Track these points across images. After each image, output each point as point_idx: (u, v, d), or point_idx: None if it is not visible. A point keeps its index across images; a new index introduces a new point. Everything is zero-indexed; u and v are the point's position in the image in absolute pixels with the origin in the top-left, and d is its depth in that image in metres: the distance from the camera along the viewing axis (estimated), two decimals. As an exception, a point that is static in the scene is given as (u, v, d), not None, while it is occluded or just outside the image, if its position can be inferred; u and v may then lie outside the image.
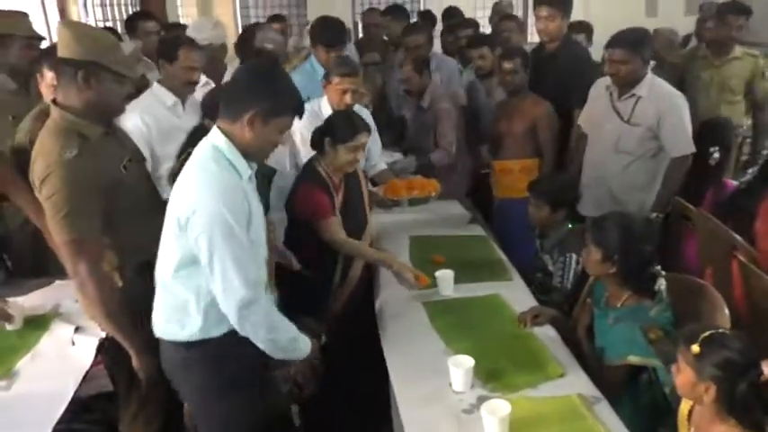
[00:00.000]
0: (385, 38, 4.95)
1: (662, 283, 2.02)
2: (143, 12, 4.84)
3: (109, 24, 5.72)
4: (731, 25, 3.73)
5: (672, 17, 7.67)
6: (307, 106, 2.94)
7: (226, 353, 1.74)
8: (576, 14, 3.83)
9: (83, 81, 1.88)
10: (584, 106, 3.21)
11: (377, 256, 2.52)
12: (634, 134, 2.92)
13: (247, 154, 1.70)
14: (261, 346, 1.71)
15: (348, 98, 2.89)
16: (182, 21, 7.54)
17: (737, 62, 3.82)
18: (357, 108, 2.92)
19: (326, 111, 2.91)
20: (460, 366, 1.85)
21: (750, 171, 3.15)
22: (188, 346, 1.74)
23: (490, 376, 1.90)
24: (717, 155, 2.96)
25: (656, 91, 2.91)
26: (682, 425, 1.70)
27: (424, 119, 3.56)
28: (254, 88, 1.67)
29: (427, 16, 5.57)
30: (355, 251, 2.54)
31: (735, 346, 1.51)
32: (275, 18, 5.78)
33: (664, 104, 2.87)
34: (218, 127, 1.70)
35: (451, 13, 5.41)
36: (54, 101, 1.96)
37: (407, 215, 3.16)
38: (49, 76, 2.52)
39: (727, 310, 2.11)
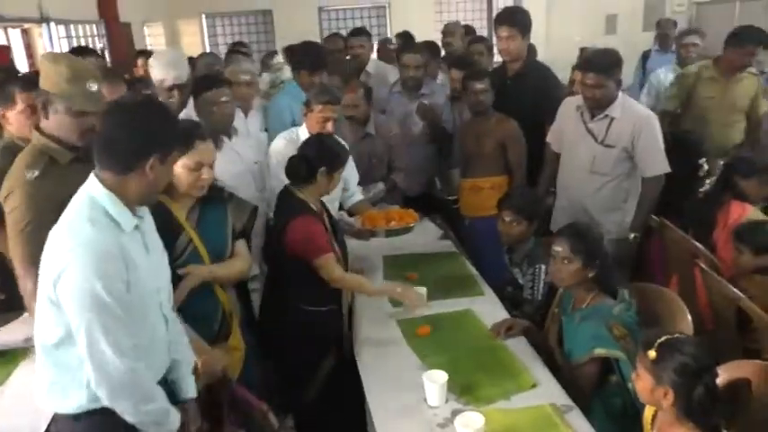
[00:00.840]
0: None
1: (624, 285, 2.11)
2: (81, 47, 4.70)
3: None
4: (750, 52, 3.66)
5: (630, 34, 7.96)
6: (285, 134, 3.02)
7: (117, 423, 1.56)
8: (537, 33, 3.92)
9: (42, 110, 2.00)
10: (551, 122, 3.24)
11: (378, 289, 2.49)
12: (609, 155, 2.91)
13: (142, 200, 1.59)
14: (132, 419, 1.54)
15: (329, 126, 2.89)
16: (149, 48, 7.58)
17: (744, 81, 3.81)
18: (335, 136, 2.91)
19: (305, 137, 2.88)
20: (435, 381, 1.88)
21: (708, 181, 3.22)
22: (76, 418, 1.57)
23: (464, 390, 1.93)
24: (706, 166, 3.05)
25: (629, 111, 2.90)
26: (646, 429, 1.75)
27: (372, 146, 3.54)
28: (147, 135, 1.51)
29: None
30: (355, 286, 2.49)
31: (690, 350, 1.55)
32: (239, 44, 5.84)
33: (638, 125, 2.86)
34: (100, 179, 1.52)
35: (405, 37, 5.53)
36: (36, 127, 2.07)
37: (379, 237, 3.20)
38: (19, 102, 2.50)
39: (689, 316, 2.18)
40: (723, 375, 1.73)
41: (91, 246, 1.45)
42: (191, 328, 1.92)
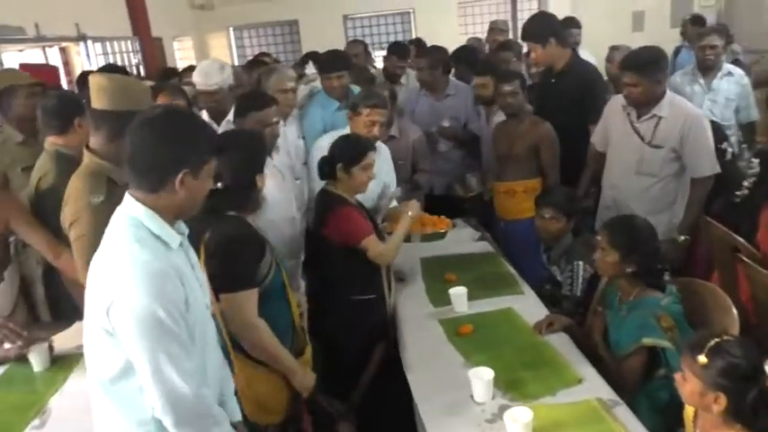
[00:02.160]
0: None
1: (667, 277, 2.10)
2: (112, 66, 4.70)
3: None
4: None
5: (658, 31, 7.88)
6: (326, 139, 3.06)
7: None
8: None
9: (117, 130, 1.91)
10: (596, 122, 3.20)
11: (402, 228, 2.63)
12: (657, 156, 2.85)
13: (180, 215, 1.49)
14: None
15: (376, 130, 2.91)
16: (179, 63, 7.77)
17: None
18: (379, 146, 2.96)
19: None
20: (481, 377, 1.90)
21: (746, 183, 3.09)
22: None
23: (510, 386, 1.96)
24: (729, 149, 2.99)
25: (678, 110, 2.84)
26: (687, 428, 1.74)
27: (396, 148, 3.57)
28: (175, 149, 1.42)
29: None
30: (396, 243, 2.60)
31: (741, 353, 1.52)
32: (263, 55, 5.95)
33: (687, 124, 2.79)
34: (135, 198, 1.44)
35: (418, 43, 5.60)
36: (87, 146, 2.06)
37: (416, 238, 3.24)
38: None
39: (735, 311, 2.16)
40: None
41: (144, 267, 1.35)
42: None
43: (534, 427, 1.71)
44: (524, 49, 4.54)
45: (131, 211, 1.43)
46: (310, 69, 4.94)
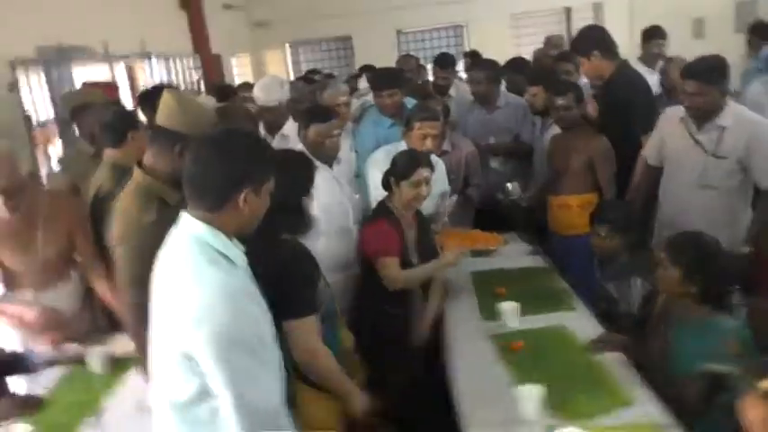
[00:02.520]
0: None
1: (737, 300, 2.00)
2: (157, 87, 4.68)
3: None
4: None
5: (721, 38, 7.58)
6: (381, 152, 3.08)
7: None
8: (621, 42, 3.83)
9: (178, 153, 1.90)
10: (648, 133, 3.12)
11: (432, 267, 2.62)
12: (721, 167, 2.77)
13: (239, 233, 1.48)
14: None
15: (429, 143, 2.94)
16: (237, 79, 8.00)
17: None
18: (433, 158, 2.95)
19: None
20: (530, 394, 1.86)
21: None
22: None
23: (560, 405, 1.90)
24: None
25: (742, 119, 2.77)
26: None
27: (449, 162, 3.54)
28: (238, 166, 1.41)
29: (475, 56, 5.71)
30: (414, 277, 2.58)
31: None
32: (313, 72, 6.06)
33: (754, 133, 2.72)
34: (196, 217, 1.42)
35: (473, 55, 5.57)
36: (139, 163, 2.04)
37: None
38: None
39: (804, 334, 2.05)
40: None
41: (222, 288, 1.34)
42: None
43: (587, 449, 1.66)
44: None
45: (194, 231, 1.41)
46: (363, 84, 5.01)
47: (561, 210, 3.38)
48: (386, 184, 2.64)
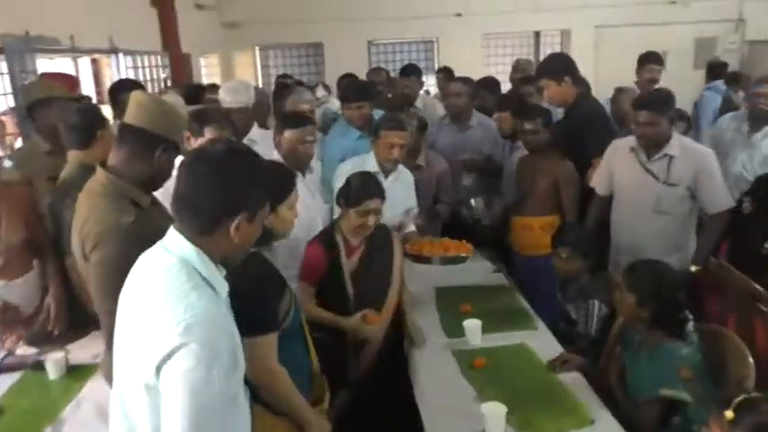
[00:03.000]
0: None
1: (690, 327, 2.09)
2: (127, 81, 4.46)
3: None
4: None
5: (681, 72, 7.89)
6: (348, 163, 3.10)
7: None
8: (586, 71, 3.95)
9: (156, 157, 1.86)
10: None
11: (338, 321, 2.47)
12: (674, 194, 2.91)
13: (226, 259, 1.39)
14: None
15: (395, 152, 2.99)
16: (205, 80, 7.91)
17: None
18: (400, 169, 3.04)
19: (372, 167, 3.00)
20: (494, 413, 1.91)
21: None
22: None
23: (522, 423, 1.96)
24: (747, 204, 2.95)
25: (688, 149, 2.93)
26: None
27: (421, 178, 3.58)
28: (231, 192, 1.32)
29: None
30: (315, 316, 2.43)
31: (766, 410, 1.53)
32: (285, 76, 6.05)
33: (699, 163, 2.87)
34: (184, 236, 1.33)
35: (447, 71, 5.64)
36: (103, 164, 1.92)
37: (432, 267, 3.24)
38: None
39: (751, 360, 2.16)
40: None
41: (205, 321, 1.23)
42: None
43: (546, 466, 1.71)
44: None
45: (181, 252, 1.32)
46: (320, 92, 5.04)
47: (524, 230, 3.47)
48: (338, 203, 2.63)
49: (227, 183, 1.31)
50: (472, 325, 2.50)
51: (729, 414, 1.53)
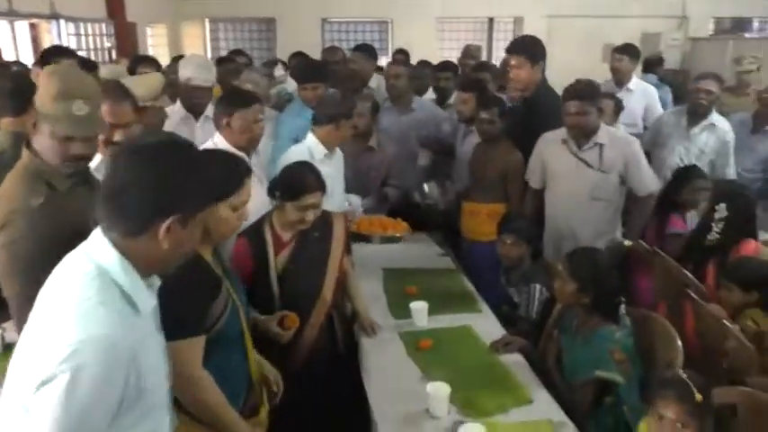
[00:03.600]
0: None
1: (623, 310, 2.20)
2: (58, 48, 4.23)
3: (82, 53, 5.75)
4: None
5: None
6: (295, 148, 3.04)
7: None
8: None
9: (32, 127, 1.78)
10: None
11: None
12: (608, 180, 3.06)
13: (156, 268, 1.22)
14: None
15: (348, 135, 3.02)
16: (151, 51, 7.66)
17: None
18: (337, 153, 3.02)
19: (318, 151, 2.97)
20: (438, 393, 1.96)
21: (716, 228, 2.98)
22: None
23: (465, 402, 2.02)
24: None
25: (615, 137, 3.10)
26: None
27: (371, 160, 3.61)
28: (164, 189, 1.15)
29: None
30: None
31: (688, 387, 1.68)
32: (237, 53, 5.93)
33: (627, 149, 3.05)
34: (109, 239, 1.16)
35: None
36: (28, 144, 1.81)
37: (380, 248, 3.28)
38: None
39: (679, 343, 2.28)
40: (715, 399, 1.84)
41: (102, 345, 1.06)
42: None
43: (487, 444, 1.78)
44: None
45: (101, 259, 1.15)
46: (279, 71, 4.96)
47: (471, 216, 3.55)
48: (271, 195, 2.38)
49: (158, 178, 1.15)
50: (419, 307, 2.55)
51: (698, 396, 1.63)
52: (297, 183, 2.32)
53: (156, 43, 8.58)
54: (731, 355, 2.38)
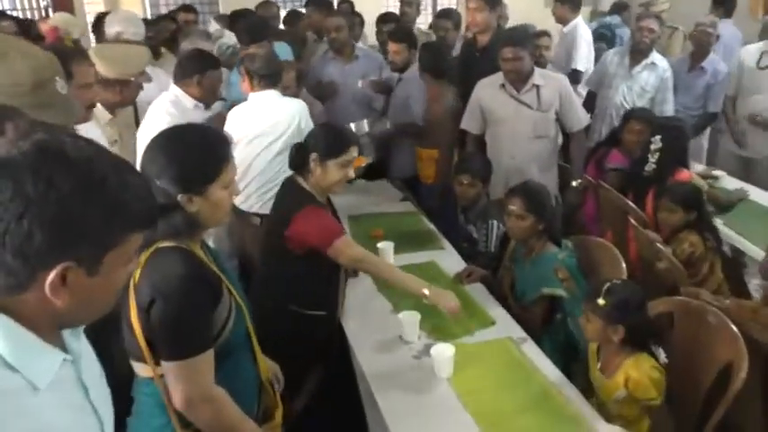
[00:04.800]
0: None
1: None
2: None
3: (17, 14, 5.52)
4: None
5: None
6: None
7: None
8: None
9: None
10: None
11: (404, 282, 2.15)
12: (547, 119, 3.25)
13: (67, 324, 0.88)
14: None
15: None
16: (86, 8, 7.35)
17: None
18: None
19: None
20: (410, 319, 2.14)
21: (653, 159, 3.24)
22: None
23: (433, 328, 2.21)
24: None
25: (548, 78, 3.27)
26: (592, 359, 2.06)
27: None
28: (53, 225, 0.76)
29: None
30: (378, 269, 2.22)
31: (629, 291, 1.90)
32: (186, 9, 5.79)
33: (560, 88, 3.25)
34: None
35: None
36: None
37: (344, 198, 3.39)
38: None
39: (623, 264, 2.52)
40: (652, 310, 2.09)
41: None
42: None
43: (456, 360, 1.97)
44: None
45: None
46: (213, 27, 4.90)
47: (426, 161, 3.69)
48: (302, 161, 2.19)
49: (37, 210, 0.75)
50: (385, 246, 2.70)
51: (601, 301, 1.84)
52: (339, 137, 2.20)
53: (91, 1, 8.22)
54: (664, 274, 2.65)
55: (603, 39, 5.26)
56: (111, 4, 8.33)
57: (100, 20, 4.55)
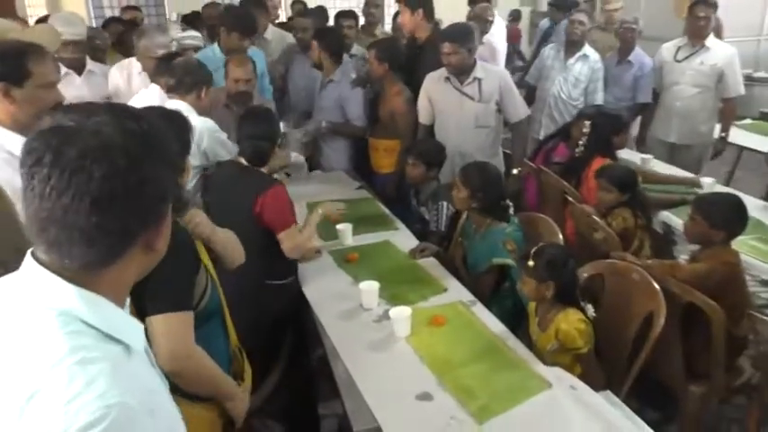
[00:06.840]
0: None
1: (511, 212, 2.68)
2: None
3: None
4: None
5: (506, 4, 8.60)
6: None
7: None
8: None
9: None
10: None
11: (311, 229, 2.62)
12: (488, 110, 3.49)
13: (125, 295, 0.91)
14: None
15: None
16: (28, 11, 7.27)
17: None
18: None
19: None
20: (369, 288, 2.33)
21: (581, 142, 3.61)
22: None
23: (391, 296, 2.40)
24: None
25: (489, 71, 3.52)
26: (531, 317, 2.30)
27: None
28: (152, 185, 0.83)
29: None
30: (306, 242, 2.58)
31: (554, 250, 2.14)
32: (131, 8, 5.82)
33: (500, 80, 3.49)
34: (60, 273, 0.81)
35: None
36: None
37: (303, 187, 3.56)
38: None
39: (561, 236, 2.78)
40: (585, 273, 2.35)
41: (126, 418, 0.74)
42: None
43: (412, 322, 2.17)
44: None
45: (56, 303, 0.80)
46: (175, 30, 4.96)
47: (374, 151, 3.93)
48: (264, 153, 2.44)
49: (139, 177, 0.80)
50: (344, 228, 2.89)
51: (531, 262, 2.08)
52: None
53: (33, 3, 8.09)
54: (599, 245, 2.93)
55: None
56: (53, 7, 8.24)
57: (41, 23, 4.58)
